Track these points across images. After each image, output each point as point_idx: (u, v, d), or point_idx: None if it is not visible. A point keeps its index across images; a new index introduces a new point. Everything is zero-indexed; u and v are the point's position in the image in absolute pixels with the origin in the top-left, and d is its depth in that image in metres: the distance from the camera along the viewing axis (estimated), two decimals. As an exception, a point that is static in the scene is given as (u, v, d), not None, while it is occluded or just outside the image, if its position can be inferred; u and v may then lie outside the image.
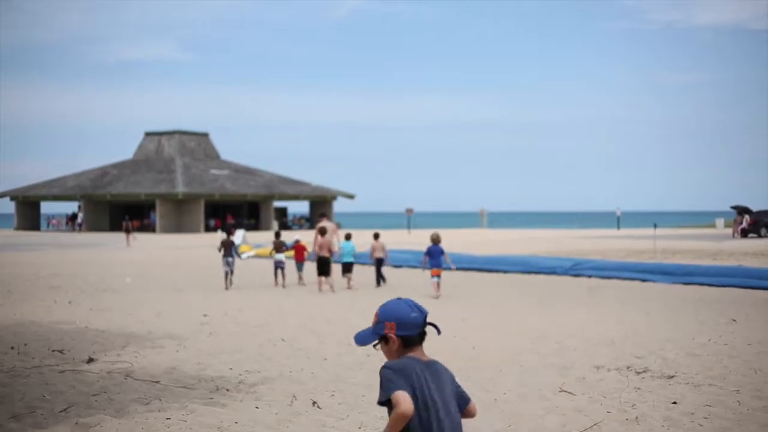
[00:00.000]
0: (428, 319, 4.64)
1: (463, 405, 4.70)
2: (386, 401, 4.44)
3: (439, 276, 21.89)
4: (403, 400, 4.37)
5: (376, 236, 25.90)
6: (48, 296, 21.80)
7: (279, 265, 25.12)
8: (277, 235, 27.18)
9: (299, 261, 25.97)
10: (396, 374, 4.44)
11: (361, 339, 4.68)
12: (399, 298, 4.68)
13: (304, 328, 16.04)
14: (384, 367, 4.49)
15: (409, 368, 4.47)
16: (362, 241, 38.72)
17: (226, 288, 23.97)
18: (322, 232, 24.39)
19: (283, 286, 24.72)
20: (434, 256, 22.03)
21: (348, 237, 25.38)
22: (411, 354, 4.55)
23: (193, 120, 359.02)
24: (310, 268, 26.30)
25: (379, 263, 25.07)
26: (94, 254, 43.54)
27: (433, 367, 4.58)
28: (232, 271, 24.39)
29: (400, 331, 4.54)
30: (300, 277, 25.65)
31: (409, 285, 25.05)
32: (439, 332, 4.74)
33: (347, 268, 24.45)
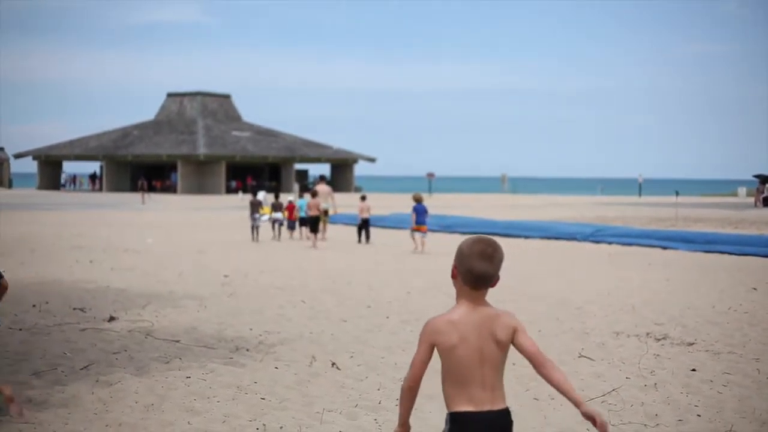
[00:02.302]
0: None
1: None
2: None
3: (424, 233, 24.11)
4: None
5: (363, 198, 28.82)
6: (69, 256, 21.94)
7: (278, 222, 29.73)
8: (276, 197, 31.31)
9: (290, 219, 29.86)
10: None
11: None
12: None
13: (324, 290, 16.09)
14: None
15: None
16: (382, 204, 44.00)
17: (253, 240, 27.90)
18: (314, 194, 28.02)
19: (279, 240, 28.87)
20: (420, 214, 24.14)
21: (301, 195, 28.15)
22: None
23: (215, 82, 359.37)
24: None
25: (365, 223, 27.59)
26: (113, 214, 43.77)
27: None
28: (258, 227, 28.43)
29: None
30: (291, 233, 29.80)
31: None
32: None
33: (302, 222, 28.79)
